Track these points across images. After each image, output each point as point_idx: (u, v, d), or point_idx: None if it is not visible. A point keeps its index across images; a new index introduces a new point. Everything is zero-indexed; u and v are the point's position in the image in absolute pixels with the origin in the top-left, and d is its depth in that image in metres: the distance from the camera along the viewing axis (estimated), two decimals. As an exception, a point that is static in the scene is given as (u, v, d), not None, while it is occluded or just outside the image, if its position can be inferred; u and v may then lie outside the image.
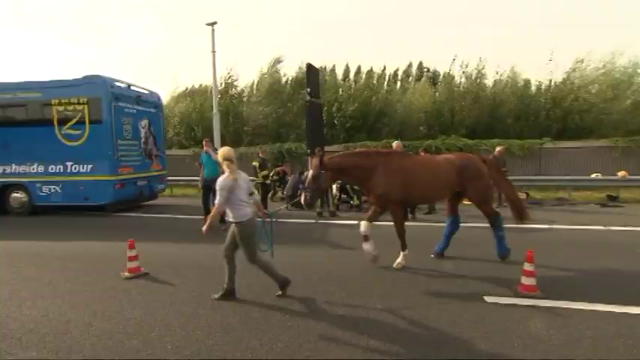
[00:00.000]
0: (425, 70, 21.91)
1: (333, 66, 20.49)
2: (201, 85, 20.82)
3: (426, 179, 4.52)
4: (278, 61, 18.62)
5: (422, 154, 8.94)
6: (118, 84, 9.14)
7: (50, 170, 8.94)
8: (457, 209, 4.91)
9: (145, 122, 9.90)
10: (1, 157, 9.09)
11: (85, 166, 8.80)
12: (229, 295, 3.63)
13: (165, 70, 46.03)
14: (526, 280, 3.61)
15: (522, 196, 9.74)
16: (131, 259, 4.36)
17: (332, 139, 15.84)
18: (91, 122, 8.67)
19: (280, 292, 3.63)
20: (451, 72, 17.42)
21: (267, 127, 17.40)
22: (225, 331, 3.00)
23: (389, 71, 20.82)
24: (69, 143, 8.79)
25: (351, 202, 9.27)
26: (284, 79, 18.69)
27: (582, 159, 12.61)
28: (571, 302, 3.39)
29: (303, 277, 4.10)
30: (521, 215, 4.74)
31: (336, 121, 16.21)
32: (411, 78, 20.63)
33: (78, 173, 8.82)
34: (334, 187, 9.76)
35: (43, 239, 6.49)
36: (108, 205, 8.90)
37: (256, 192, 3.88)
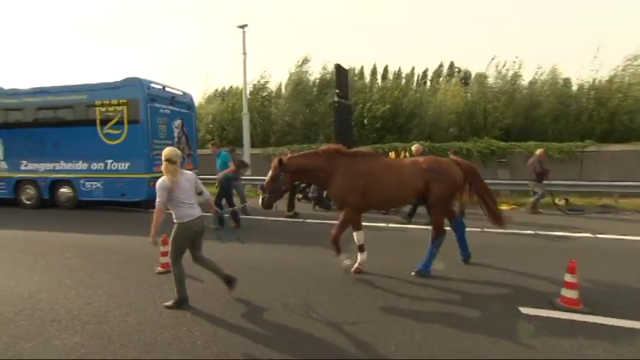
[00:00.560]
0: (456, 70, 21.35)
1: (362, 67, 20.41)
2: (231, 87, 21.40)
3: (389, 183, 4.25)
4: (305, 61, 18.74)
5: (452, 156, 8.59)
6: (154, 86, 9.53)
7: (92, 167, 9.50)
8: (453, 212, 4.75)
9: (178, 122, 10.29)
10: (52, 155, 9.77)
11: (123, 164, 9.28)
12: (229, 282, 3.69)
13: (198, 71, 47.72)
14: (567, 293, 3.39)
15: (561, 202, 9.24)
16: (164, 254, 4.53)
17: (361, 139, 15.73)
18: (129, 122, 9.12)
19: (169, 304, 3.50)
20: (485, 72, 16.82)
21: (295, 127, 17.56)
22: (252, 328, 3.04)
23: (418, 72, 20.47)
24: (109, 142, 9.29)
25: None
26: (311, 79, 18.77)
27: (631, 163, 11.72)
28: (618, 320, 3.14)
29: (331, 279, 4.09)
30: (498, 220, 4.56)
31: (365, 122, 16.10)
32: (441, 78, 20.17)
33: (116, 171, 9.31)
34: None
35: (87, 232, 6.89)
36: (143, 202, 9.34)
37: (205, 190, 3.81)
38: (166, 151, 3.44)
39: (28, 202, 10.09)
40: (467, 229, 4.89)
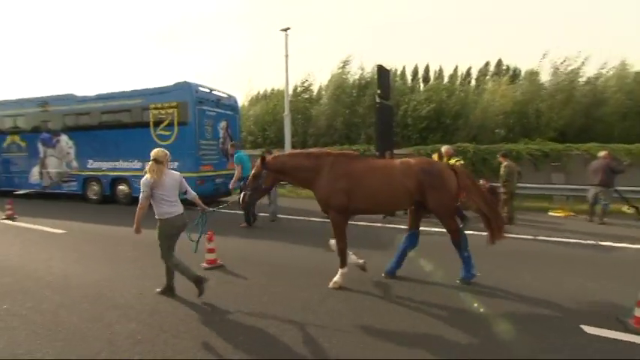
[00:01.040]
0: (504, 68, 20.20)
1: (404, 67, 20.01)
2: (273, 90, 21.93)
3: (376, 185, 3.95)
4: (347, 62, 18.73)
5: (501, 159, 8.18)
6: (201, 89, 10.05)
7: (146, 167, 10.20)
8: (418, 223, 4.31)
9: (223, 124, 10.74)
10: (113, 154, 10.68)
11: (172, 163, 9.85)
12: (171, 290, 3.81)
13: (243, 74, 49.51)
14: (644, 314, 3.01)
15: (630, 210, 8.39)
16: (210, 251, 4.74)
17: (403, 140, 15.43)
18: (178, 124, 9.70)
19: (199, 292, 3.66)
20: (537, 68, 15.74)
21: (335, 128, 17.60)
22: (294, 328, 3.08)
23: (461, 71, 19.66)
24: (161, 143, 9.88)
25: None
26: (352, 80, 18.71)
27: None
28: None
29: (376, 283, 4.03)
30: (497, 235, 4.09)
31: (409, 121, 15.75)
32: (487, 77, 19.20)
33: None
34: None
35: (144, 227, 7.37)
36: (188, 200, 9.86)
37: (190, 189, 3.97)
38: (155, 152, 3.67)
39: (93, 198, 11.11)
40: (520, 236, 4.58)
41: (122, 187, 10.69)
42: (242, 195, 4.28)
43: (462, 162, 7.82)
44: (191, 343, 2.85)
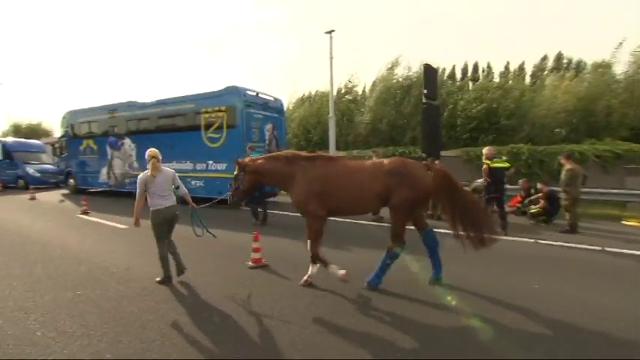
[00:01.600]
0: (566, 61, 18.53)
1: (453, 66, 19.19)
2: (317, 92, 22.15)
3: (347, 187, 3.88)
4: (396, 63, 18.37)
5: (563, 161, 7.41)
6: (249, 93, 10.44)
7: (197, 168, 10.81)
8: (423, 220, 4.10)
9: (269, 126, 11.04)
10: (167, 156, 11.37)
11: (221, 164, 10.33)
12: (169, 278, 4.22)
13: (288, 78, 50.58)
14: None
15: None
16: (255, 250, 4.87)
17: (450, 142, 14.79)
18: (227, 127, 10.14)
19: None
20: (610, 60, 14.20)
21: (380, 129, 17.34)
22: (339, 329, 3.05)
23: (513, 67, 18.37)
24: (211, 145, 10.47)
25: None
26: (400, 81, 18.31)
27: None
28: None
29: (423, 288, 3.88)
30: (480, 243, 3.79)
31: (458, 122, 15.07)
32: (546, 72, 17.75)
33: (215, 171, 10.44)
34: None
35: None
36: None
37: (182, 185, 4.37)
38: (154, 152, 4.21)
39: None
40: (585, 246, 4.16)
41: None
42: (229, 196, 4.44)
43: (506, 164, 7.28)
44: (237, 342, 2.93)
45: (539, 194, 8.33)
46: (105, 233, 7.14)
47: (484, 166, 7.19)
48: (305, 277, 4.14)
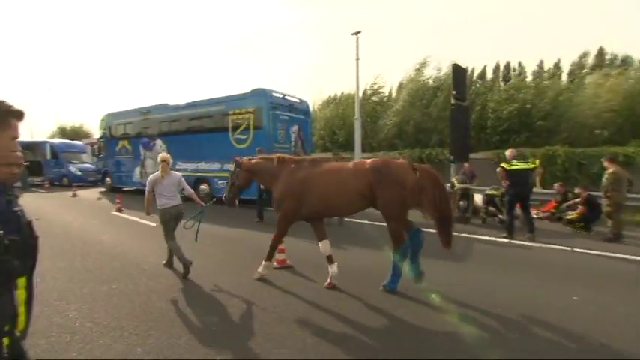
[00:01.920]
0: (609, 57, 17.41)
1: (484, 66, 18.57)
2: (343, 93, 22.12)
3: (328, 189, 3.96)
4: (424, 64, 18.03)
5: (607, 164, 6.86)
6: (275, 94, 10.56)
7: (224, 168, 11.02)
8: (409, 222, 4.03)
9: (295, 128, 11.12)
10: (196, 157, 11.78)
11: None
12: (170, 265, 4.80)
13: (314, 80, 50.91)
14: None
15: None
16: (280, 251, 4.90)
17: (480, 144, 14.30)
18: (254, 128, 10.30)
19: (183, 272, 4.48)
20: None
21: (406, 131, 17.06)
22: (364, 333, 3.02)
23: (548, 65, 17.48)
24: (238, 146, 10.64)
25: (500, 216, 8.07)
26: (428, 82, 17.95)
27: None
28: None
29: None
30: (446, 244, 3.95)
31: (488, 123, 14.55)
32: (585, 70, 16.77)
33: (243, 171, 10.62)
34: (478, 198, 8.75)
35: (218, 224, 8.00)
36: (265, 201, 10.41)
37: (187, 187, 4.83)
38: (166, 156, 4.69)
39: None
40: (630, 256, 3.89)
41: (203, 187, 11.65)
42: (224, 195, 4.80)
43: (530, 165, 6.83)
44: (263, 341, 2.95)
45: (577, 199, 7.83)
46: (137, 230, 7.46)
47: (498, 169, 6.87)
48: (328, 280, 4.16)
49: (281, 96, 10.78)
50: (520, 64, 19.55)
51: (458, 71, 10.14)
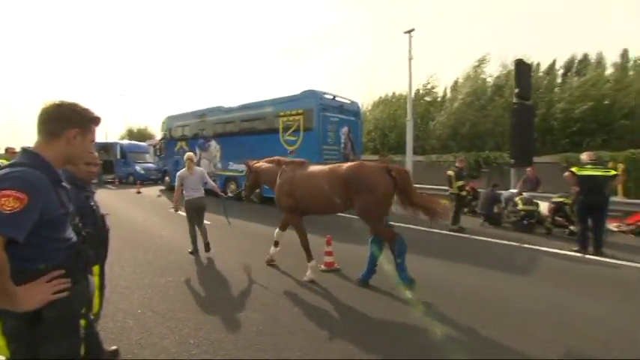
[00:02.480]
0: None
1: (553, 60, 17.05)
2: (394, 94, 21.67)
3: (308, 190, 4.34)
4: (483, 61, 17.08)
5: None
6: (325, 96, 10.62)
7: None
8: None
9: (345, 129, 11.10)
10: (247, 157, 12.09)
11: (297, 166, 10.66)
12: (206, 246, 5.55)
13: (364, 80, 50.56)
14: None
15: None
16: (327, 254, 4.92)
17: (544, 147, 13.16)
18: (304, 130, 10.44)
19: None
20: None
21: (461, 133, 16.26)
22: (412, 341, 2.91)
23: (633, 55, 15.46)
24: (288, 147, 10.84)
25: (570, 227, 7.30)
26: (487, 80, 16.96)
27: None
28: None
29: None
30: (433, 215, 3.96)
31: (555, 124, 13.36)
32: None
33: (292, 173, 10.79)
34: (544, 205, 8.01)
35: (263, 223, 8.24)
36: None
37: (209, 180, 5.68)
38: (191, 155, 5.65)
39: (230, 195, 13.00)
40: None
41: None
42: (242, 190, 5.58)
43: (606, 172, 5.95)
44: (305, 342, 2.97)
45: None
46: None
47: (566, 173, 6.09)
48: (307, 274, 4.47)
49: (331, 97, 10.83)
50: (599, 55, 17.58)
51: (521, 68, 9.43)
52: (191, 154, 5.71)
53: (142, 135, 41.40)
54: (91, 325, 1.67)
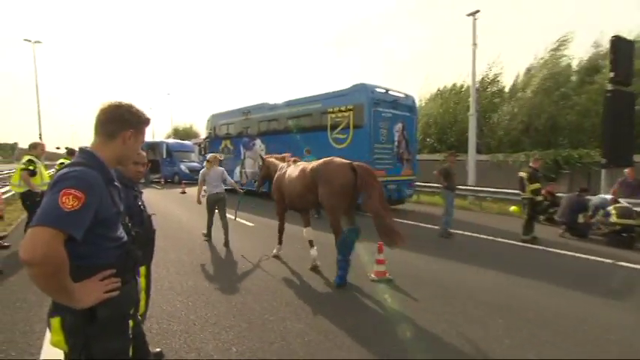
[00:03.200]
0: None
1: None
2: (454, 85, 20.81)
3: (288, 185, 5.26)
4: (563, 42, 15.79)
5: None
6: (377, 90, 10.44)
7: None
8: (353, 219, 4.72)
9: (399, 126, 10.83)
10: (294, 156, 12.37)
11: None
12: (226, 243, 6.61)
13: (421, 72, 49.20)
14: None
15: None
16: (379, 262, 4.84)
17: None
18: (354, 127, 10.37)
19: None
20: None
21: (536, 128, 15.15)
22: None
23: None
24: (336, 146, 10.87)
25: None
26: (570, 65, 15.64)
27: None
28: None
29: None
30: (389, 238, 4.13)
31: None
32: None
33: (340, 174, 10.73)
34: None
35: (319, 230, 8.31)
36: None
37: (228, 178, 6.95)
38: (211, 155, 7.01)
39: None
40: None
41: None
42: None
43: None
44: (353, 356, 2.94)
45: None
46: (235, 229, 8.24)
47: None
48: (273, 251, 5.90)
49: (384, 91, 10.62)
50: None
51: (620, 45, 8.51)
52: (212, 155, 7.13)
53: (187, 134, 44.16)
54: (138, 326, 1.78)
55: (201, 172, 6.87)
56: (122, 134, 1.54)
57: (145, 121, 1.64)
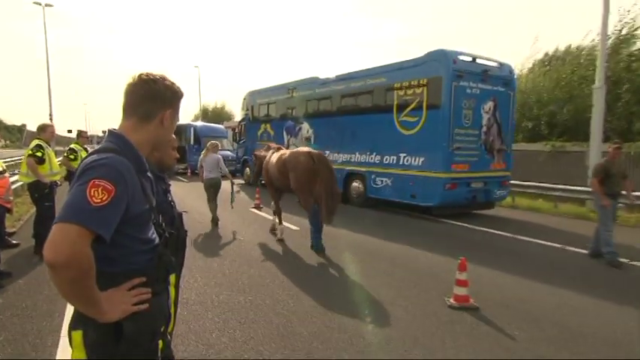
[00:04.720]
0: None
1: None
2: (570, 47, 19.48)
3: (270, 169, 8.01)
4: None
5: None
6: (461, 58, 9.89)
7: (385, 161, 11.26)
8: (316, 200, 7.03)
9: (489, 105, 10.35)
10: (349, 145, 12.43)
11: (417, 158, 10.35)
12: (214, 220, 9.09)
13: (523, 31, 46.44)
14: None
15: None
16: (460, 283, 4.72)
17: None
18: (428, 108, 10.03)
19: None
20: None
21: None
22: None
23: None
24: (405, 132, 10.66)
25: None
26: None
27: None
28: None
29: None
30: (327, 214, 6.71)
31: None
32: None
33: (409, 166, 10.55)
34: None
35: (373, 235, 8.36)
36: (434, 208, 10.19)
37: (224, 167, 9.26)
38: (211, 143, 9.53)
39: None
40: None
41: (356, 184, 12.31)
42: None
43: None
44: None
45: None
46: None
47: None
48: (278, 235, 7.99)
49: (470, 59, 10.10)
50: None
51: None
52: (213, 142, 9.62)
53: (217, 115, 45.92)
54: (168, 348, 1.82)
55: (200, 157, 9.50)
56: (161, 115, 1.56)
57: (181, 96, 1.66)
